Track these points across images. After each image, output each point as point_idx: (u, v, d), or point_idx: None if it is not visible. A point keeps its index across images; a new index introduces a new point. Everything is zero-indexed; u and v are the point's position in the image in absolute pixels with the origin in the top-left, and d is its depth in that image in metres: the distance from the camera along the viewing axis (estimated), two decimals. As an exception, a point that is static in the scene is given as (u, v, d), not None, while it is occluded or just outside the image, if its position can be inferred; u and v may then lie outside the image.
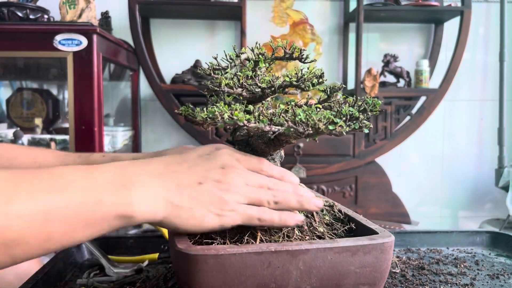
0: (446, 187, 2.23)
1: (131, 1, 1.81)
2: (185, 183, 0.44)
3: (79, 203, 0.38)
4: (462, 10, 1.92)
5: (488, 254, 0.71)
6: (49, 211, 0.36)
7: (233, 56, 0.52)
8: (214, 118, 0.43)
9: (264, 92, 0.50)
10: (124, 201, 0.40)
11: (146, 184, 0.42)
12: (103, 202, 0.39)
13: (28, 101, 1.80)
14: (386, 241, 0.44)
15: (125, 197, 0.40)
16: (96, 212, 0.39)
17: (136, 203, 0.41)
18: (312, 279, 0.43)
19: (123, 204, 0.40)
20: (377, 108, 0.47)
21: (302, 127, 0.43)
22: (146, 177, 0.43)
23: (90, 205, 0.38)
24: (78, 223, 0.38)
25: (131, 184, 0.41)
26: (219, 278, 0.41)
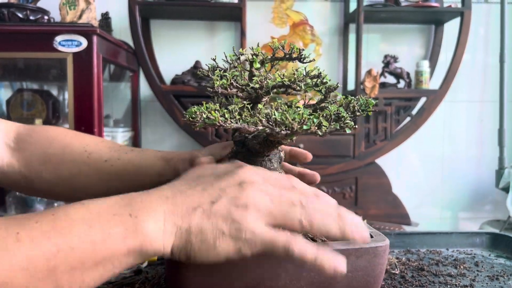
0: (446, 188, 2.23)
1: (131, 2, 1.82)
2: (195, 205, 0.38)
3: (85, 242, 0.34)
4: (462, 11, 1.92)
5: (488, 255, 0.70)
6: (54, 257, 0.33)
7: (232, 57, 0.52)
8: (194, 118, 0.43)
9: (257, 93, 0.50)
10: (132, 232, 0.36)
11: (153, 212, 0.38)
12: (111, 237, 0.35)
13: (28, 102, 1.80)
14: (380, 245, 0.43)
15: (133, 228, 0.36)
16: (105, 249, 0.35)
17: (145, 232, 0.36)
18: (302, 282, 0.42)
19: (132, 235, 0.36)
20: (370, 108, 0.46)
21: (279, 127, 0.42)
22: (153, 203, 0.38)
23: (97, 243, 0.35)
24: (86, 265, 0.34)
25: (138, 212, 0.37)
26: (207, 279, 0.41)
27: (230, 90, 0.49)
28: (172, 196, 0.39)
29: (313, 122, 0.42)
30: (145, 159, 0.61)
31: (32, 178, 0.64)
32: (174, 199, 0.39)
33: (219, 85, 0.48)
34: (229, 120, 0.43)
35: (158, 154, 0.62)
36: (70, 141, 0.64)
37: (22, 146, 0.64)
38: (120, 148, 0.64)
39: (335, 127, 0.43)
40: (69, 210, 0.36)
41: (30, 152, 0.63)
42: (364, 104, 0.46)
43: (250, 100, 0.51)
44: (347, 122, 0.43)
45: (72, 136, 0.66)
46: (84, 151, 0.63)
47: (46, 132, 0.66)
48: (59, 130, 0.67)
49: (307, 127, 0.42)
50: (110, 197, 0.39)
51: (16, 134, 0.66)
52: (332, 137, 1.90)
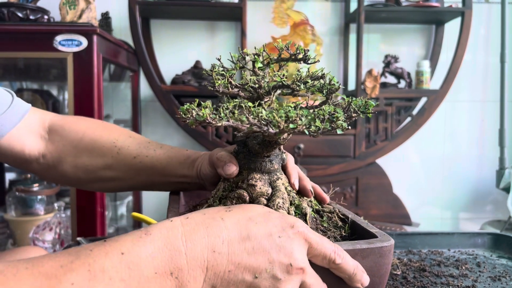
0: (446, 188, 2.23)
1: (131, 1, 1.81)
2: (238, 278, 0.36)
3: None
4: (463, 11, 1.91)
5: (490, 256, 0.70)
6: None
7: (236, 57, 0.51)
8: (186, 114, 0.43)
9: (257, 93, 0.50)
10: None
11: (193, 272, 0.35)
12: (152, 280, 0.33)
13: (28, 102, 1.80)
14: (385, 245, 0.44)
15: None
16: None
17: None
18: None
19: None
20: (369, 109, 0.46)
21: (266, 125, 0.42)
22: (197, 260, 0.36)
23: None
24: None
25: (179, 273, 0.35)
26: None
27: (232, 89, 0.49)
28: (219, 251, 0.36)
29: (302, 121, 0.42)
30: (172, 158, 0.62)
31: (63, 169, 0.66)
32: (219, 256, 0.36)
33: (220, 85, 0.48)
34: (217, 118, 0.42)
35: (185, 155, 0.62)
36: (100, 135, 0.66)
37: (55, 138, 0.67)
38: (149, 145, 0.65)
39: (326, 128, 0.43)
40: (106, 263, 0.33)
41: (62, 144, 0.66)
42: (363, 106, 0.46)
43: (253, 99, 0.51)
44: (339, 123, 0.43)
45: (102, 130, 0.67)
46: (114, 146, 0.64)
47: (77, 125, 0.68)
48: (89, 123, 0.69)
49: (294, 126, 0.42)
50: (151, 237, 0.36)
51: (49, 125, 0.68)
52: (332, 137, 1.90)
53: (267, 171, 0.51)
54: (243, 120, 0.42)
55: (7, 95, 0.66)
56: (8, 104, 0.65)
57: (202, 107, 0.43)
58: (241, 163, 0.51)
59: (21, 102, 0.68)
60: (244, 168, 0.51)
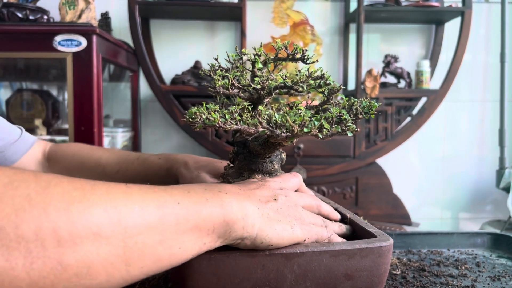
0: (446, 188, 2.22)
1: (131, 1, 1.81)
2: (264, 199, 0.43)
3: (188, 201, 0.36)
4: (463, 11, 1.91)
5: (489, 255, 0.70)
6: (162, 205, 0.34)
7: (235, 58, 0.51)
8: (194, 118, 0.43)
9: (259, 94, 0.49)
10: (226, 204, 0.38)
11: (236, 195, 0.41)
12: (208, 202, 0.37)
13: (27, 102, 1.80)
14: (384, 245, 0.43)
15: (225, 200, 0.38)
16: (205, 210, 0.36)
17: (234, 208, 0.38)
18: (307, 282, 0.42)
19: (226, 207, 0.38)
20: (373, 110, 0.46)
21: (279, 129, 0.42)
22: (232, 189, 0.42)
23: (198, 203, 0.36)
24: (189, 223, 0.35)
25: (226, 191, 0.40)
26: (213, 281, 0.41)
27: (232, 90, 0.49)
28: (242, 190, 0.43)
29: (314, 125, 0.42)
30: (149, 168, 0.70)
31: None
32: (245, 193, 0.42)
33: (220, 85, 0.48)
34: (229, 121, 0.42)
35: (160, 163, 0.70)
36: (86, 157, 0.74)
37: (50, 164, 0.76)
38: (127, 159, 0.73)
39: (337, 130, 0.43)
40: (165, 186, 0.37)
41: (56, 168, 0.75)
42: (367, 107, 0.46)
43: (252, 100, 0.51)
44: (349, 125, 0.43)
45: (87, 152, 0.76)
46: (99, 165, 0.72)
47: (67, 149, 0.77)
48: (77, 147, 0.78)
49: (308, 130, 0.42)
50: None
51: (48, 153, 0.77)
52: (333, 137, 1.89)
53: (268, 171, 0.51)
54: (256, 125, 0.42)
55: (16, 129, 0.77)
56: (19, 135, 0.75)
57: (211, 110, 0.43)
58: (242, 164, 0.51)
59: (29, 134, 0.78)
60: (244, 169, 0.51)
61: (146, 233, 0.32)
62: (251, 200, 0.41)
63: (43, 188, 0.28)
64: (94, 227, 0.28)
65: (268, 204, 0.42)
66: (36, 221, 0.26)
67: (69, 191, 0.29)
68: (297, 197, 0.47)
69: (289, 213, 0.44)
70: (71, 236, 0.27)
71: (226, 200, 0.38)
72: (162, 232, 0.33)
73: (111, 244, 0.29)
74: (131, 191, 0.33)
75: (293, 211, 0.45)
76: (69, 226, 0.27)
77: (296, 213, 0.45)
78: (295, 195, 0.47)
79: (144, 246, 0.32)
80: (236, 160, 0.52)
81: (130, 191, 0.33)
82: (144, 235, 0.31)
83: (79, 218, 0.28)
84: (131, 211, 0.31)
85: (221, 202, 0.38)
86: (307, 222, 0.45)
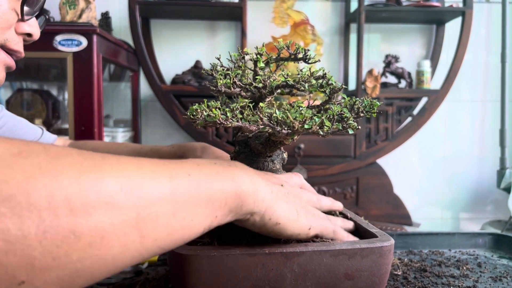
0: (447, 189, 2.22)
1: (131, 1, 1.81)
2: (271, 183, 0.43)
3: (198, 173, 0.35)
4: (464, 11, 1.91)
5: (491, 256, 0.70)
6: (174, 177, 0.33)
7: (237, 57, 0.51)
8: (195, 116, 0.43)
9: (261, 93, 0.49)
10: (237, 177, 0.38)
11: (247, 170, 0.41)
12: (219, 175, 0.37)
13: (28, 102, 1.80)
14: (385, 245, 0.43)
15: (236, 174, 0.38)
16: (216, 183, 0.36)
17: (246, 182, 0.38)
18: (307, 282, 0.42)
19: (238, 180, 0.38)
20: (375, 109, 0.46)
21: (280, 126, 0.42)
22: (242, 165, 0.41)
23: (209, 176, 0.36)
24: (201, 195, 0.34)
25: (236, 165, 0.40)
26: (213, 279, 0.41)
27: (234, 89, 0.49)
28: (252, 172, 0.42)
29: (314, 122, 0.42)
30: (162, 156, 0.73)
31: None
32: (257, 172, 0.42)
33: (222, 84, 0.48)
34: (230, 119, 0.42)
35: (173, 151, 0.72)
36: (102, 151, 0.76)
37: None
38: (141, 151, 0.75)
39: (338, 128, 0.43)
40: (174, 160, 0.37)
41: None
42: (369, 106, 0.46)
43: (254, 99, 0.51)
44: (350, 123, 0.43)
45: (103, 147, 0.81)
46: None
47: (84, 146, 0.82)
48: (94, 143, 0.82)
49: (308, 127, 0.42)
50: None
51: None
52: (333, 137, 1.89)
53: (269, 171, 0.51)
54: (257, 121, 0.42)
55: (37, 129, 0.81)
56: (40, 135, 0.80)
57: (212, 107, 0.43)
58: (243, 163, 0.51)
59: (49, 134, 0.83)
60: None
61: (159, 204, 0.31)
62: (260, 177, 0.41)
63: (53, 158, 0.27)
64: (106, 196, 0.28)
65: (276, 186, 0.43)
66: (48, 188, 0.26)
67: (79, 161, 0.29)
68: (300, 191, 0.48)
69: (296, 200, 0.44)
70: (84, 205, 0.27)
71: (237, 173, 0.38)
72: (174, 203, 0.32)
73: (124, 214, 0.29)
74: (142, 163, 0.33)
75: (300, 201, 0.45)
76: (81, 194, 0.27)
77: (301, 203, 0.45)
78: (297, 189, 0.48)
79: (157, 217, 0.31)
80: (238, 159, 0.52)
81: (141, 163, 0.33)
82: (157, 205, 0.31)
83: (91, 187, 0.28)
84: (143, 181, 0.31)
85: (232, 175, 0.38)
86: (312, 213, 0.45)
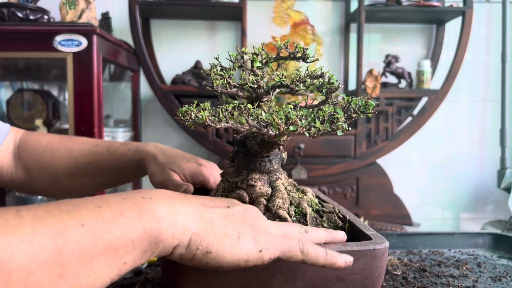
0: (447, 189, 2.22)
1: (131, 1, 1.81)
2: (211, 205, 0.39)
3: (95, 220, 0.31)
4: (464, 11, 1.91)
5: (490, 256, 0.70)
6: (60, 234, 0.29)
7: (235, 57, 0.51)
8: (185, 117, 0.42)
9: (256, 92, 0.49)
10: (148, 211, 0.34)
11: (167, 199, 0.36)
12: (123, 215, 0.32)
13: (28, 102, 1.80)
14: (378, 248, 0.43)
15: (148, 207, 0.34)
16: (118, 228, 0.31)
17: (160, 214, 0.34)
18: (297, 283, 0.42)
19: (148, 214, 0.33)
20: (370, 109, 0.45)
21: (266, 127, 0.42)
22: (165, 194, 0.37)
23: (109, 221, 0.31)
24: (96, 247, 0.30)
25: (152, 196, 0.35)
26: (202, 280, 0.41)
27: (230, 89, 0.49)
28: (186, 195, 0.39)
29: (301, 123, 0.42)
30: (119, 159, 0.70)
31: (32, 182, 0.74)
32: (186, 198, 0.38)
33: (218, 85, 0.48)
34: (218, 120, 0.42)
35: (129, 155, 0.70)
36: (57, 148, 0.73)
37: (22, 154, 0.73)
38: (97, 150, 0.72)
39: (326, 129, 0.43)
40: (73, 200, 0.33)
41: (27, 159, 0.73)
42: (363, 106, 0.45)
43: (252, 99, 0.51)
44: (339, 124, 0.43)
45: (58, 142, 0.74)
46: (70, 157, 0.72)
47: (38, 140, 0.74)
48: (48, 137, 0.75)
49: (294, 128, 0.41)
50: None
51: (19, 142, 0.75)
52: (333, 137, 1.89)
53: (267, 171, 0.51)
54: (243, 123, 0.42)
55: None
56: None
57: (201, 108, 0.43)
58: (240, 163, 0.51)
59: (2, 124, 0.72)
60: (243, 168, 0.51)
61: (40, 271, 0.28)
62: (189, 202, 0.37)
63: None
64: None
65: (213, 209, 0.38)
66: None
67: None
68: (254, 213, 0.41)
69: (243, 220, 0.39)
70: None
71: (147, 207, 0.34)
72: (61, 264, 0.29)
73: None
74: (22, 222, 0.28)
75: (251, 220, 0.39)
76: None
77: (256, 222, 0.39)
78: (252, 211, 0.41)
79: (39, 285, 0.28)
80: (236, 159, 0.52)
81: (20, 223, 0.28)
82: (37, 274, 0.28)
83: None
84: (16, 251, 0.27)
85: (140, 212, 0.33)
86: (272, 233, 0.39)
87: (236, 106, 0.44)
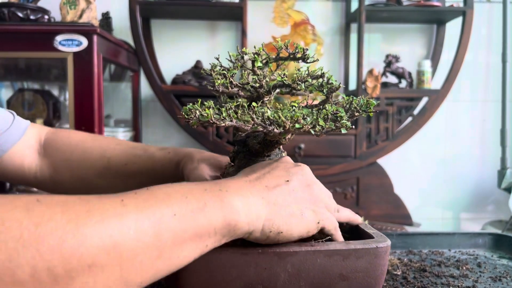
0: (448, 189, 2.22)
1: (132, 1, 1.81)
2: (273, 184, 0.43)
3: (185, 210, 0.36)
4: (464, 11, 1.91)
5: (491, 256, 0.70)
6: (158, 222, 0.33)
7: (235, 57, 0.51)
8: (189, 115, 0.43)
9: (258, 92, 0.49)
10: (227, 203, 0.38)
11: (239, 190, 0.40)
12: (207, 206, 0.37)
13: (29, 102, 1.80)
14: (381, 246, 0.43)
15: (226, 200, 0.38)
16: (204, 217, 0.36)
17: (236, 205, 0.39)
18: (301, 282, 0.42)
19: (227, 206, 0.38)
20: (371, 108, 0.46)
21: (272, 125, 0.42)
22: (235, 184, 0.41)
23: (196, 211, 0.36)
24: (187, 234, 0.35)
25: (227, 188, 0.40)
26: (206, 277, 0.41)
27: (231, 89, 0.49)
28: (247, 180, 0.43)
29: (306, 121, 0.42)
30: (157, 162, 0.69)
31: (59, 181, 0.72)
32: (250, 182, 0.43)
33: (220, 84, 0.48)
34: (223, 118, 0.43)
35: (169, 157, 0.69)
36: (90, 147, 0.71)
37: (48, 152, 0.72)
38: (134, 152, 0.71)
39: (330, 127, 0.43)
40: (161, 187, 0.37)
41: (55, 158, 0.71)
42: (365, 105, 0.46)
43: (252, 99, 0.51)
44: (343, 122, 0.43)
45: (90, 141, 0.73)
46: (103, 156, 0.70)
47: (68, 138, 0.73)
48: (79, 136, 0.74)
49: (300, 126, 0.42)
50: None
51: (45, 140, 0.73)
52: (333, 137, 1.89)
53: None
54: (248, 120, 0.42)
55: (8, 115, 0.70)
56: (10, 122, 0.69)
57: (205, 107, 0.43)
58: (241, 163, 0.51)
59: (21, 120, 0.71)
60: (244, 168, 0.51)
61: (143, 253, 0.32)
62: (255, 190, 0.41)
63: (36, 226, 0.28)
64: (88, 260, 0.29)
65: (276, 190, 0.42)
66: (30, 263, 0.26)
67: (62, 226, 0.29)
68: (313, 177, 0.47)
69: (303, 195, 0.44)
70: (67, 272, 0.28)
71: (226, 200, 0.38)
72: (159, 248, 0.33)
73: (107, 271, 0.30)
74: (127, 211, 0.32)
75: (307, 193, 0.45)
76: (64, 262, 0.27)
77: (311, 193, 0.45)
78: (312, 174, 0.48)
79: (142, 265, 0.32)
80: (236, 158, 0.52)
81: (125, 211, 0.32)
82: (141, 255, 0.32)
83: (73, 253, 0.28)
84: (126, 236, 0.31)
85: (220, 203, 0.38)
86: (321, 204, 0.45)
87: (240, 104, 0.44)
